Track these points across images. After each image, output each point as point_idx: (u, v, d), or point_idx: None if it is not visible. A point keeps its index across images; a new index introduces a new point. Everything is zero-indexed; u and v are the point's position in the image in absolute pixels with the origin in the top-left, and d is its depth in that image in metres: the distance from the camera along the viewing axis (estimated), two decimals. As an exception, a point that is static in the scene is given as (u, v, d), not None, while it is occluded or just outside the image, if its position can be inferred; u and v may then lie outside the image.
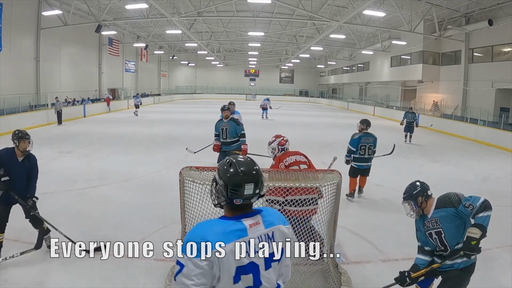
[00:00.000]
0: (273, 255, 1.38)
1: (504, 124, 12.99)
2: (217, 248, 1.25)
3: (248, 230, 1.34)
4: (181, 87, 42.00)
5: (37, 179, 3.63)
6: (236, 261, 1.29)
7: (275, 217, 1.44)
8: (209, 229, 1.31)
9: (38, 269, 3.28)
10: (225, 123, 5.69)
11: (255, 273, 1.34)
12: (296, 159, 3.52)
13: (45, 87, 18.11)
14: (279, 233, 1.40)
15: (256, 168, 1.39)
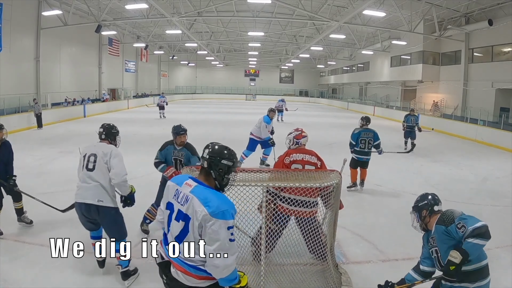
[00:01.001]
0: (182, 214, 1.82)
1: (504, 124, 13.00)
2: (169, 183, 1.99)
3: (183, 185, 1.88)
4: (181, 87, 42.02)
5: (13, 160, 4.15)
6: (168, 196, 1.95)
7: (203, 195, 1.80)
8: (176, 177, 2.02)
9: (38, 269, 3.28)
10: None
11: (170, 213, 1.90)
12: (304, 158, 3.39)
13: (45, 87, 18.11)
14: (192, 203, 1.78)
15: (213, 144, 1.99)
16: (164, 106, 18.34)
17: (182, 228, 1.80)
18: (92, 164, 3.07)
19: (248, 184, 2.88)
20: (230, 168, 1.93)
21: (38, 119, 13.30)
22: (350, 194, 5.93)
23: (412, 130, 10.44)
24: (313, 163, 3.40)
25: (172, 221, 1.85)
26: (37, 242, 3.79)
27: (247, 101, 39.03)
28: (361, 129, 6.31)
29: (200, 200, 1.75)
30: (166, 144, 4.07)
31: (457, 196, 6.06)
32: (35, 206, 4.97)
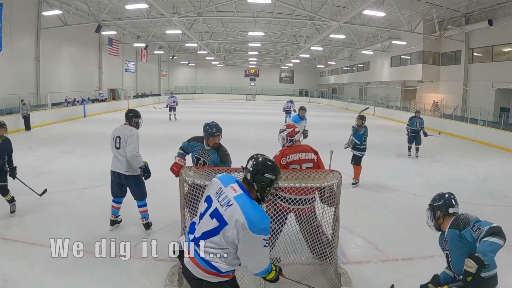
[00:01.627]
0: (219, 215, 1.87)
1: (504, 124, 12.99)
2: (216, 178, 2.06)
3: (227, 187, 1.96)
4: (181, 87, 42.00)
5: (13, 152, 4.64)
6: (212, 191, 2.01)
7: (246, 207, 1.86)
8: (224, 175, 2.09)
9: (38, 269, 3.28)
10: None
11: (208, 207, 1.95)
12: (301, 157, 3.36)
13: (45, 87, 18.11)
14: (234, 211, 1.85)
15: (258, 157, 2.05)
16: (175, 107, 17.11)
17: (215, 227, 1.86)
18: (118, 143, 4.16)
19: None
20: (273, 181, 1.99)
21: (26, 121, 12.65)
22: (350, 194, 5.93)
23: (417, 135, 9.36)
24: (310, 159, 3.38)
25: (205, 216, 1.92)
26: (37, 242, 3.79)
27: (247, 101, 39.04)
28: (364, 129, 6.51)
29: (242, 212, 1.81)
30: (195, 139, 3.81)
31: (457, 196, 5.99)
32: (35, 207, 4.98)
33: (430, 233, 4.38)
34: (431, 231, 4.45)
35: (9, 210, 4.62)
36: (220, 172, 3.07)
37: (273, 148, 3.90)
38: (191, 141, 3.82)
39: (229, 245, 1.85)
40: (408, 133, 9.43)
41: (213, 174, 2.98)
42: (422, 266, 3.58)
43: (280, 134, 3.57)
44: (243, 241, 1.81)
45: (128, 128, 4.13)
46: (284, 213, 3.17)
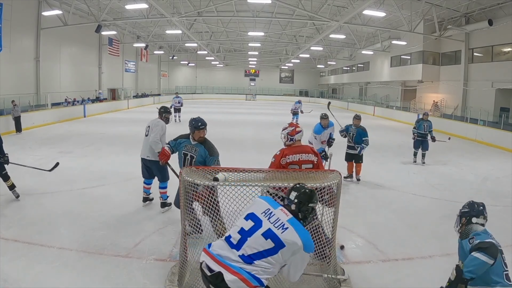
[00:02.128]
0: (274, 236, 1.94)
1: (504, 124, 12.98)
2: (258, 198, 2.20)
3: (276, 209, 2.07)
4: (181, 87, 42.00)
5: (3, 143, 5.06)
6: (256, 210, 2.09)
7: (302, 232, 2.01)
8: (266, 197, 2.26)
9: (38, 269, 3.28)
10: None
11: (256, 226, 1.99)
12: (300, 158, 3.34)
13: (45, 87, 18.10)
14: (291, 234, 1.96)
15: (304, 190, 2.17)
16: (181, 108, 16.15)
17: (271, 248, 1.94)
18: (147, 132, 4.75)
19: (248, 184, 2.88)
20: (314, 209, 2.16)
21: (16, 122, 12.02)
22: (350, 194, 5.94)
23: (425, 139, 8.53)
24: (310, 161, 3.37)
25: (255, 234, 1.97)
26: (37, 242, 3.79)
27: (247, 101, 39.04)
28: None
29: (299, 235, 1.97)
30: (180, 137, 4.04)
31: (457, 196, 6.06)
32: (35, 207, 4.98)
33: (430, 233, 4.40)
34: (431, 231, 4.47)
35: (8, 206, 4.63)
36: (220, 172, 3.08)
37: (273, 148, 3.90)
38: (178, 139, 4.04)
39: (281, 262, 1.97)
40: (414, 137, 8.58)
41: (214, 174, 3.00)
42: (422, 266, 3.59)
43: (282, 132, 3.57)
44: (296, 259, 1.99)
45: (156, 120, 4.82)
46: None
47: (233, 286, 1.85)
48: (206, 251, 2.02)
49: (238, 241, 1.98)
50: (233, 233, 2.03)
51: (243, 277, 1.86)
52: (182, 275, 3.09)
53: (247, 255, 1.92)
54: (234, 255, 1.93)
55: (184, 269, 3.13)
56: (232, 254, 1.93)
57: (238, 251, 1.94)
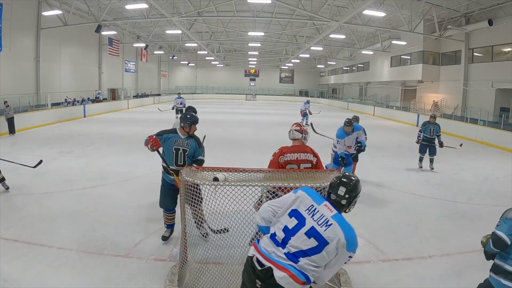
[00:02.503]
0: (317, 234, 1.91)
1: (504, 124, 12.98)
2: (300, 192, 2.06)
3: (321, 205, 1.99)
4: (181, 87, 42.01)
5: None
6: (299, 206, 2.01)
7: (346, 227, 1.94)
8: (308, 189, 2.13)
9: (38, 269, 3.28)
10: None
11: (300, 224, 1.95)
12: (298, 158, 3.31)
13: (45, 87, 18.11)
14: (335, 231, 1.91)
15: (353, 183, 2.08)
16: (183, 110, 14.65)
17: (315, 246, 1.91)
18: None
19: (248, 184, 2.88)
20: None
21: (10, 124, 11.58)
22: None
23: (431, 144, 7.83)
24: (309, 160, 3.34)
25: (299, 233, 1.95)
26: (37, 242, 3.79)
27: (247, 101, 39.05)
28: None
29: (344, 232, 1.92)
30: (164, 132, 3.81)
31: (457, 196, 6.06)
32: (35, 207, 4.98)
33: (430, 233, 4.40)
34: (431, 231, 4.47)
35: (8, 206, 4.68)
36: (220, 172, 3.08)
37: (273, 148, 3.90)
38: (162, 134, 3.79)
39: (327, 261, 1.94)
40: (418, 140, 7.96)
41: (214, 174, 3.00)
42: (422, 266, 3.59)
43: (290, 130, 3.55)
44: (337, 257, 1.93)
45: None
46: None
47: (282, 282, 1.87)
48: (256, 247, 2.01)
49: (282, 240, 1.97)
50: (278, 231, 2.00)
51: (292, 273, 1.88)
52: (182, 275, 3.09)
53: (292, 253, 1.93)
54: (280, 252, 1.94)
55: (184, 269, 3.13)
56: (279, 252, 1.94)
57: (284, 249, 1.94)
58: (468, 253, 3.89)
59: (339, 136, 6.04)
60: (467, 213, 5.21)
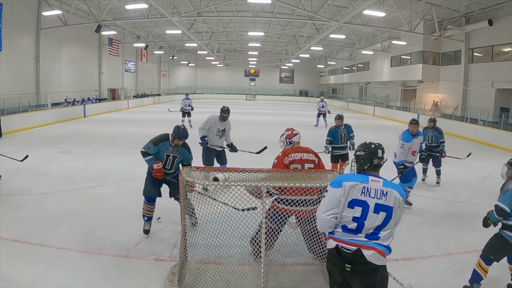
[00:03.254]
0: (383, 206, 2.10)
1: (504, 124, 12.98)
2: (344, 183, 2.14)
3: (370, 182, 2.14)
4: (181, 87, 42.01)
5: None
6: (354, 194, 2.12)
7: (394, 185, 2.18)
8: (346, 176, 2.24)
9: (38, 269, 3.28)
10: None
11: (365, 208, 2.10)
12: (302, 157, 3.37)
13: (45, 87, 18.11)
14: (391, 195, 2.12)
15: (378, 143, 2.33)
16: (190, 112, 14.22)
17: (386, 217, 2.11)
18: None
19: (248, 184, 2.88)
20: None
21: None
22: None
23: (434, 154, 6.59)
24: (311, 160, 3.39)
25: (368, 215, 2.11)
26: (37, 242, 3.79)
27: (247, 101, 39.04)
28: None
29: (397, 191, 2.15)
30: (162, 140, 4.05)
31: (457, 196, 6.06)
32: (35, 207, 4.98)
33: (430, 233, 4.40)
34: (431, 231, 4.48)
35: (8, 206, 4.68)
36: (220, 172, 3.08)
37: (273, 148, 3.91)
38: (157, 143, 4.01)
39: (397, 220, 2.16)
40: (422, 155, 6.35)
41: (214, 174, 3.00)
42: (422, 266, 3.59)
43: (280, 138, 3.63)
44: (400, 211, 2.16)
45: None
46: (285, 215, 3.18)
47: (371, 259, 2.05)
48: (335, 239, 2.16)
49: (357, 227, 2.12)
50: (348, 224, 2.13)
51: (379, 250, 2.07)
52: (182, 275, 3.09)
53: (371, 233, 2.11)
54: (361, 237, 2.11)
55: (184, 269, 3.13)
56: (359, 237, 2.11)
57: (362, 234, 2.11)
58: (468, 253, 3.89)
59: (405, 140, 5.22)
60: (467, 213, 5.21)
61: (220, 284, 3.03)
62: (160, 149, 4.00)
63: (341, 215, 2.14)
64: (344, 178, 2.20)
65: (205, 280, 3.09)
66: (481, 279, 3.06)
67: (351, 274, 2.10)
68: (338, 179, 2.21)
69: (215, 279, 3.08)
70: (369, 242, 2.09)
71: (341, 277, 2.16)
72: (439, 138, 6.63)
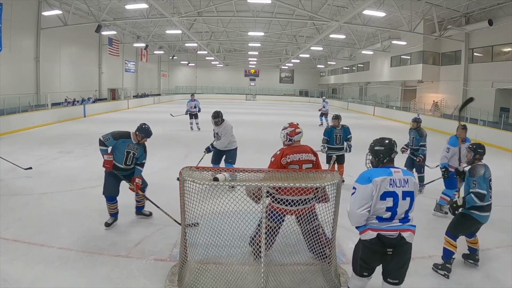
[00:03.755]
0: (408, 192, 2.42)
1: (504, 124, 12.98)
2: (374, 179, 2.39)
3: (394, 173, 2.43)
4: (181, 87, 42.00)
5: None
6: (384, 187, 2.38)
7: (409, 172, 2.52)
8: (373, 171, 2.49)
9: (38, 269, 3.28)
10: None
11: (395, 198, 2.39)
12: (300, 158, 3.35)
13: (45, 87, 18.11)
14: (411, 181, 2.46)
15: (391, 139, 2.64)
16: (197, 114, 13.75)
17: (410, 202, 2.44)
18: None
19: (248, 184, 2.88)
20: None
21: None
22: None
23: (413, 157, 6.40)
24: (310, 160, 3.38)
25: (399, 203, 2.41)
26: (37, 242, 3.79)
27: (247, 101, 39.03)
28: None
29: (412, 175, 2.49)
30: (123, 136, 4.28)
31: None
32: (35, 207, 4.98)
33: (430, 233, 4.39)
34: (431, 231, 4.47)
35: (8, 206, 4.67)
36: (220, 172, 3.08)
37: (273, 148, 3.89)
38: (117, 138, 4.25)
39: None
40: (403, 150, 6.53)
41: (214, 174, 3.00)
42: (422, 266, 3.58)
43: (282, 132, 3.54)
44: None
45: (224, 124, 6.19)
46: (282, 215, 3.18)
47: (409, 239, 2.43)
48: (373, 229, 2.44)
49: (391, 216, 2.42)
50: (382, 214, 2.42)
51: (412, 230, 2.44)
52: (182, 275, 3.09)
53: (402, 217, 2.43)
54: (396, 222, 2.42)
55: (184, 269, 3.13)
56: (394, 223, 2.42)
57: (396, 219, 2.42)
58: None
59: (453, 144, 4.85)
60: (467, 213, 5.20)
61: (220, 284, 3.03)
62: (120, 145, 4.24)
63: (374, 208, 2.41)
64: (371, 174, 2.43)
65: (205, 280, 3.09)
66: (453, 254, 3.39)
67: (391, 256, 2.43)
68: (365, 175, 2.44)
69: (215, 279, 3.08)
70: (404, 225, 2.42)
71: (380, 261, 2.51)
72: (419, 140, 6.28)
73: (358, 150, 8.74)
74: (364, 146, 2.99)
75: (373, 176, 2.39)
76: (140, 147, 4.34)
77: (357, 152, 6.21)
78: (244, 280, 3.05)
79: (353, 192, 2.45)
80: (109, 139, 4.18)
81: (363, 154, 2.88)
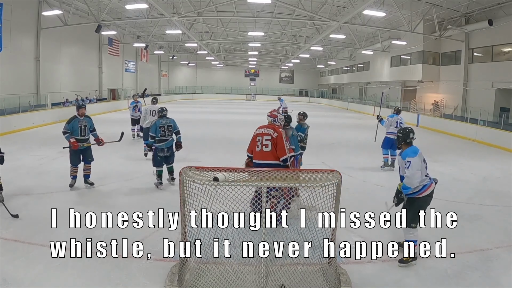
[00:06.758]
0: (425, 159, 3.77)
1: (504, 124, 12.97)
2: (419, 152, 3.72)
3: (419, 151, 3.73)
4: (181, 87, 42.01)
5: None
6: (422, 155, 3.74)
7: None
8: (413, 148, 3.78)
9: (38, 269, 3.28)
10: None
11: (424, 163, 3.73)
12: (263, 132, 4.30)
13: (45, 87, 18.10)
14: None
15: None
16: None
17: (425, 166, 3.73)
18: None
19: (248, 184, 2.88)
20: None
21: None
22: (350, 194, 5.94)
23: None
24: (268, 134, 4.26)
25: (427, 166, 3.75)
26: (37, 242, 3.79)
27: (247, 101, 39.04)
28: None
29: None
30: (72, 119, 5.80)
31: (457, 196, 6.06)
32: (35, 207, 4.98)
33: (429, 233, 4.39)
34: (430, 231, 4.47)
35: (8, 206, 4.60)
36: (220, 172, 3.08)
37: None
38: (70, 122, 5.81)
39: None
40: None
41: (214, 174, 3.00)
42: (422, 266, 3.59)
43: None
44: None
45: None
46: None
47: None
48: (429, 186, 3.67)
49: (426, 175, 3.69)
50: (425, 172, 3.69)
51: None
52: (182, 275, 3.10)
53: (425, 175, 3.68)
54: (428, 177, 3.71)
55: (184, 269, 3.13)
56: (429, 179, 3.71)
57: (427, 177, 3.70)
58: (468, 253, 3.89)
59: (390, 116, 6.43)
60: (467, 213, 5.21)
61: (220, 284, 3.03)
62: (74, 124, 5.74)
63: (422, 170, 3.60)
64: (414, 150, 3.69)
65: (205, 280, 3.09)
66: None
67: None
68: (413, 150, 3.67)
69: (215, 279, 3.08)
70: (431, 180, 3.71)
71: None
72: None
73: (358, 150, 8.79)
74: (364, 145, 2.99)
75: (417, 151, 3.67)
76: (87, 119, 5.85)
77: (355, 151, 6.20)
78: (244, 280, 3.05)
79: (408, 165, 3.55)
80: (66, 127, 5.76)
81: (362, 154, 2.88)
